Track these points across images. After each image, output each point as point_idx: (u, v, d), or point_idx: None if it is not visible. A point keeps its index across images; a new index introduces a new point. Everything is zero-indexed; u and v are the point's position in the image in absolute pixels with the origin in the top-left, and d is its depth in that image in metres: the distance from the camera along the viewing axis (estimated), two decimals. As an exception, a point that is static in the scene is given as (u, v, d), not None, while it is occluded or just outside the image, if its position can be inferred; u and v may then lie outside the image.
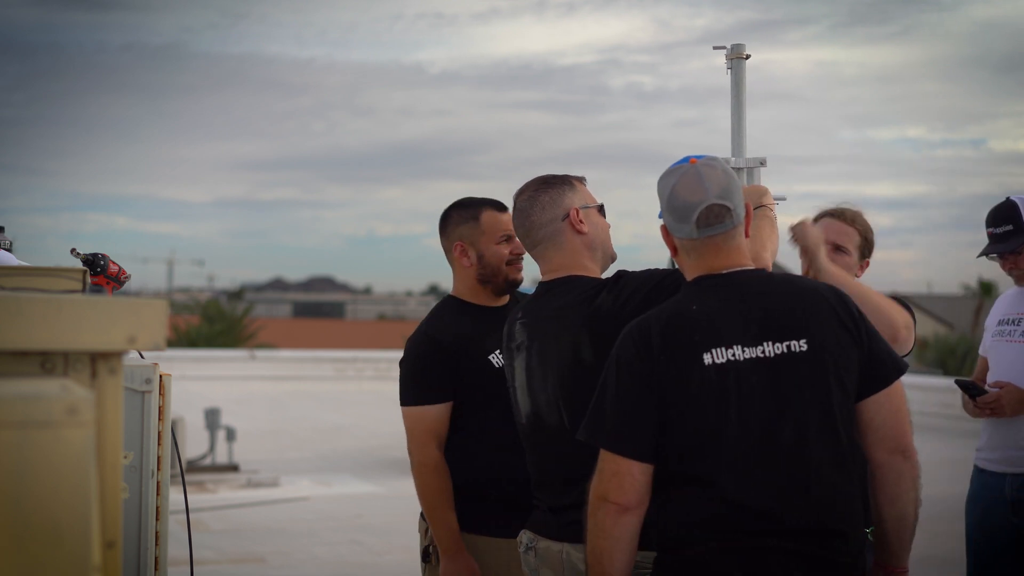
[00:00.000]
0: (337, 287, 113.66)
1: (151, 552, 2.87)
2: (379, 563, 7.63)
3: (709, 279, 2.50)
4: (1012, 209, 3.94)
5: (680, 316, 2.46)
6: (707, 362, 2.39)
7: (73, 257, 3.37)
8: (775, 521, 2.36)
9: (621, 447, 2.42)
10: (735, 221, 2.50)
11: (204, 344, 26.89)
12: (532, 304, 2.91)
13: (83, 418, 1.29)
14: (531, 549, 2.84)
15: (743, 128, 3.20)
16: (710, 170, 2.50)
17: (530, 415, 2.85)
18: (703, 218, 2.48)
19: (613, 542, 2.41)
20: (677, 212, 2.51)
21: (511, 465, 3.06)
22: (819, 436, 2.39)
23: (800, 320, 2.43)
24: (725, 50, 3.21)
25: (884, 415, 2.47)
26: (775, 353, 2.40)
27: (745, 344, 2.41)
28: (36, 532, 1.26)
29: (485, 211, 3.33)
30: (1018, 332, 4.00)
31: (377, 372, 21.74)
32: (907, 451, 2.48)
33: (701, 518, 2.39)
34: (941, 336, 26.06)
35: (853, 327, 2.47)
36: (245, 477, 10.67)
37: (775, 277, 2.55)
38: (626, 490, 2.40)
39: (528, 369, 2.84)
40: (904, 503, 2.49)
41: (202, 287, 71.03)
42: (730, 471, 2.37)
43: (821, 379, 2.41)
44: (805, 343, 2.41)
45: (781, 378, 2.40)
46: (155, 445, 2.88)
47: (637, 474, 2.41)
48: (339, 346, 30.68)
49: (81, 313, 1.44)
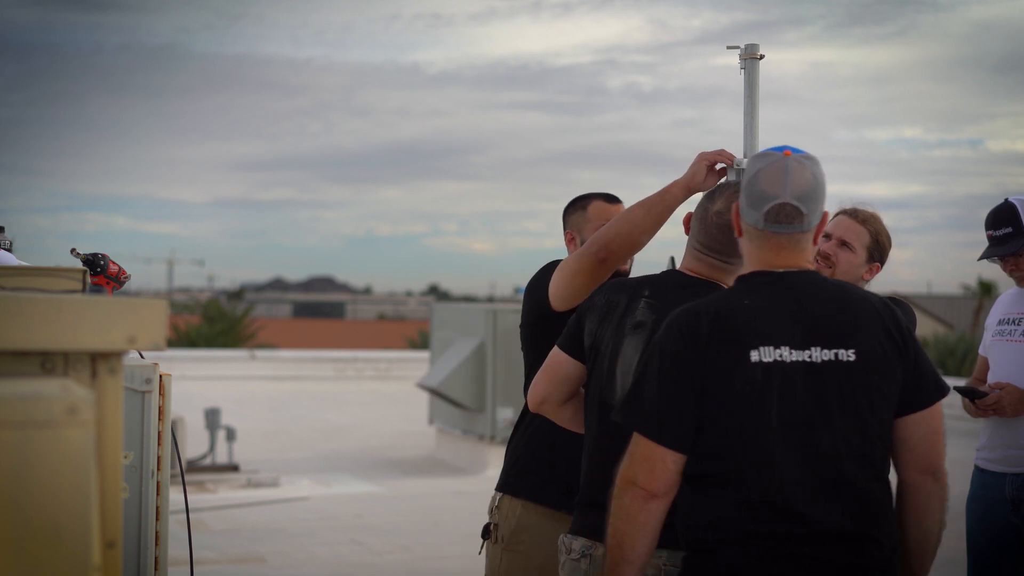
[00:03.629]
0: (337, 287, 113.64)
1: (151, 552, 2.87)
2: (379, 563, 7.63)
3: (762, 276, 2.47)
4: (1011, 211, 3.94)
5: (730, 310, 2.43)
6: (753, 359, 2.36)
7: (73, 257, 3.37)
8: (808, 525, 2.34)
9: (657, 434, 2.38)
10: (804, 227, 2.46)
11: (204, 344, 26.89)
12: (665, 290, 2.83)
13: (83, 418, 1.29)
14: (586, 556, 2.77)
15: (756, 128, 3.18)
16: (799, 167, 2.45)
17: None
18: (773, 213, 2.44)
19: (637, 527, 2.38)
20: (751, 198, 2.47)
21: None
22: (857, 447, 2.37)
23: (850, 329, 2.40)
24: (739, 50, 3.19)
25: (920, 435, 2.45)
26: (822, 359, 2.37)
27: (793, 346, 2.37)
28: (36, 532, 1.26)
29: (594, 201, 3.45)
30: (1018, 332, 4.00)
31: (377, 372, 21.73)
32: (938, 473, 2.47)
33: (733, 519, 2.37)
34: (941, 336, 26.02)
35: (901, 342, 2.44)
36: (245, 477, 10.67)
37: (828, 283, 2.52)
38: (656, 477, 2.37)
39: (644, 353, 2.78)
40: (929, 524, 2.48)
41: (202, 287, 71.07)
42: (765, 473, 2.35)
43: (865, 391, 2.38)
44: (853, 353, 2.38)
45: (826, 385, 2.37)
46: (155, 445, 2.88)
47: (669, 463, 2.38)
48: (339, 346, 30.66)
49: (81, 313, 1.44)
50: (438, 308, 13.71)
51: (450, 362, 11.57)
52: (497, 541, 3.33)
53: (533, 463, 3.31)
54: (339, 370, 21.74)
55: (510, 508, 3.32)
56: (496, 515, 3.37)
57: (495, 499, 3.40)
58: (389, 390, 19.76)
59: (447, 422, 12.05)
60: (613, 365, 2.80)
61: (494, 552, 3.35)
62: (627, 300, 2.84)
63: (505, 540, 3.31)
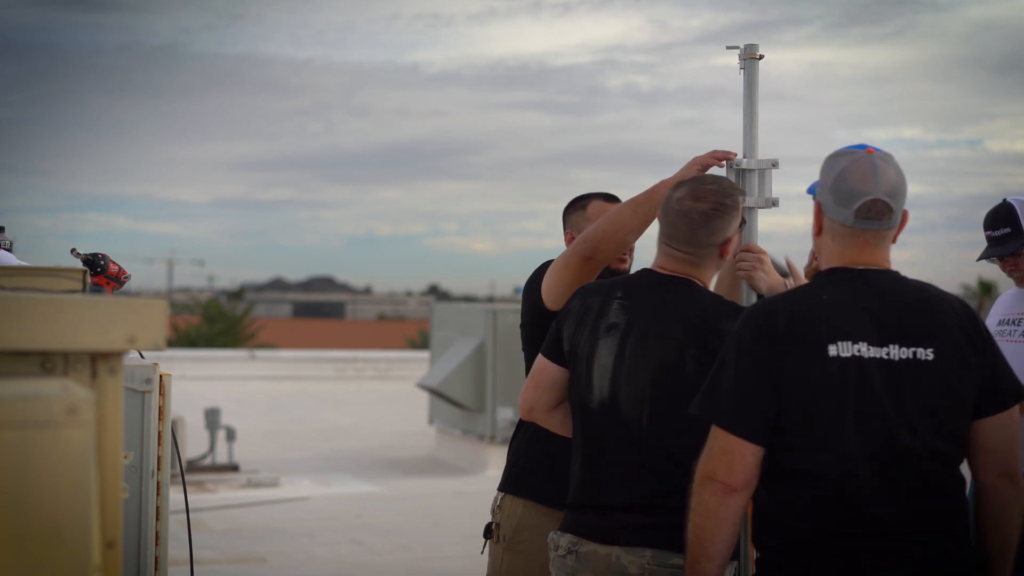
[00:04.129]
0: (337, 287, 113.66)
1: (151, 552, 2.87)
2: (379, 563, 7.63)
3: (842, 272, 2.46)
4: (1009, 211, 3.94)
5: (809, 304, 2.42)
6: (832, 354, 2.34)
7: (73, 257, 3.37)
8: (881, 524, 2.33)
9: (736, 426, 2.36)
10: (892, 223, 2.46)
11: (204, 344, 26.91)
12: (638, 289, 2.84)
13: (83, 418, 1.29)
14: (572, 552, 2.78)
15: (755, 129, 3.18)
16: (885, 165, 2.45)
17: (604, 402, 2.78)
18: (864, 209, 2.43)
19: (717, 522, 2.36)
20: (840, 195, 2.45)
21: None
22: (933, 446, 2.36)
23: (929, 328, 2.40)
24: (739, 50, 3.19)
25: (997, 438, 2.43)
26: (900, 357, 2.36)
27: (871, 343, 2.36)
28: (36, 532, 1.26)
29: (593, 201, 3.45)
30: (1018, 332, 4.00)
31: (377, 372, 21.74)
32: (1015, 476, 2.45)
33: (806, 517, 2.36)
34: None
35: (980, 344, 2.44)
36: (245, 477, 10.67)
37: (907, 282, 2.50)
38: (735, 470, 2.35)
39: (619, 355, 2.77)
40: (1009, 528, 2.46)
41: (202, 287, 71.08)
42: (841, 468, 2.34)
43: (942, 391, 2.37)
44: (932, 352, 2.37)
45: (903, 383, 2.36)
46: (155, 445, 2.88)
47: (748, 455, 2.35)
48: (339, 346, 30.66)
49: (81, 313, 1.44)
50: (438, 308, 13.71)
51: (450, 362, 11.57)
52: (499, 541, 3.34)
53: (535, 463, 3.31)
54: (339, 370, 21.74)
55: (512, 508, 3.33)
56: (498, 515, 3.37)
57: (497, 499, 3.41)
58: (389, 390, 19.75)
59: (447, 422, 12.05)
60: (590, 368, 2.80)
61: (496, 552, 3.35)
62: (601, 302, 2.84)
63: (507, 540, 3.31)
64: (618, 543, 2.70)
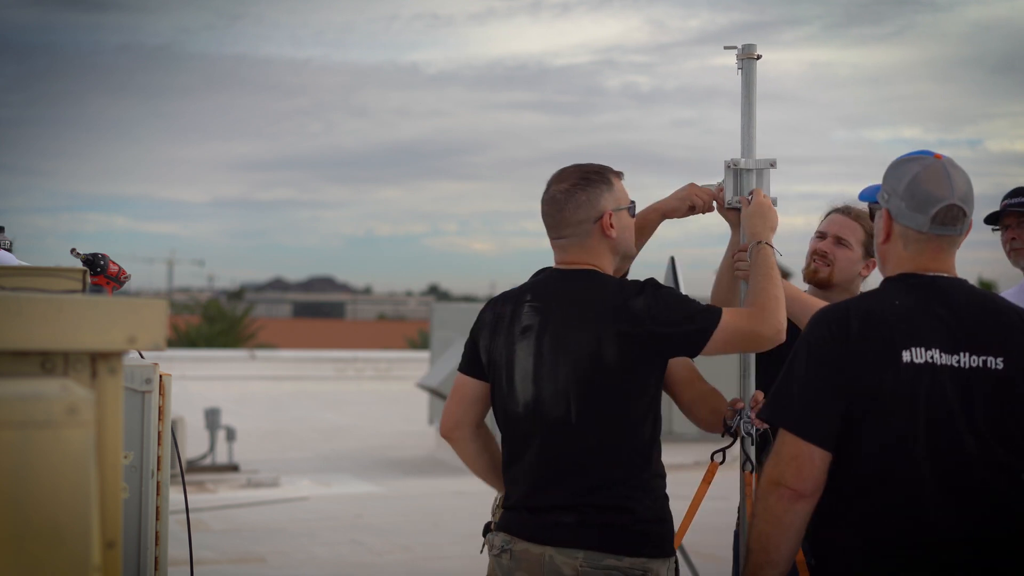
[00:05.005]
0: (337, 287, 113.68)
1: (151, 552, 2.87)
2: (379, 563, 7.63)
3: (913, 278, 2.45)
4: None
5: (882, 309, 2.39)
6: (905, 359, 2.32)
7: (73, 257, 3.36)
8: (938, 533, 2.32)
9: (806, 431, 2.33)
10: (962, 229, 2.45)
11: (204, 344, 26.93)
12: (544, 289, 2.83)
13: (83, 418, 1.29)
14: (506, 551, 2.77)
15: (753, 129, 3.18)
16: (956, 171, 2.44)
17: (529, 404, 2.77)
18: (941, 215, 2.41)
19: (782, 529, 2.33)
20: (916, 200, 2.42)
21: None
22: (1000, 456, 2.35)
23: (999, 338, 2.38)
24: (736, 50, 3.19)
25: None
26: (970, 365, 2.34)
27: (944, 350, 2.34)
28: (36, 532, 1.26)
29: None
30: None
31: (377, 372, 21.76)
32: None
33: (867, 523, 2.34)
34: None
35: None
36: (245, 477, 10.68)
37: (976, 291, 2.49)
38: (804, 476, 2.32)
39: (537, 356, 2.76)
40: None
41: (202, 287, 71.11)
42: (910, 475, 2.32)
43: (1010, 400, 2.35)
44: (1002, 362, 2.36)
45: (972, 391, 2.33)
46: (155, 445, 2.88)
47: (817, 460, 2.32)
48: (339, 346, 30.69)
49: (81, 313, 1.44)
50: (438, 308, 13.73)
51: (450, 362, 11.57)
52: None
53: None
54: (339, 370, 21.75)
55: None
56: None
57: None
58: (389, 390, 19.76)
59: (447, 422, 12.02)
60: (511, 373, 2.80)
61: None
62: (512, 309, 2.85)
63: None
64: (550, 543, 2.69)
